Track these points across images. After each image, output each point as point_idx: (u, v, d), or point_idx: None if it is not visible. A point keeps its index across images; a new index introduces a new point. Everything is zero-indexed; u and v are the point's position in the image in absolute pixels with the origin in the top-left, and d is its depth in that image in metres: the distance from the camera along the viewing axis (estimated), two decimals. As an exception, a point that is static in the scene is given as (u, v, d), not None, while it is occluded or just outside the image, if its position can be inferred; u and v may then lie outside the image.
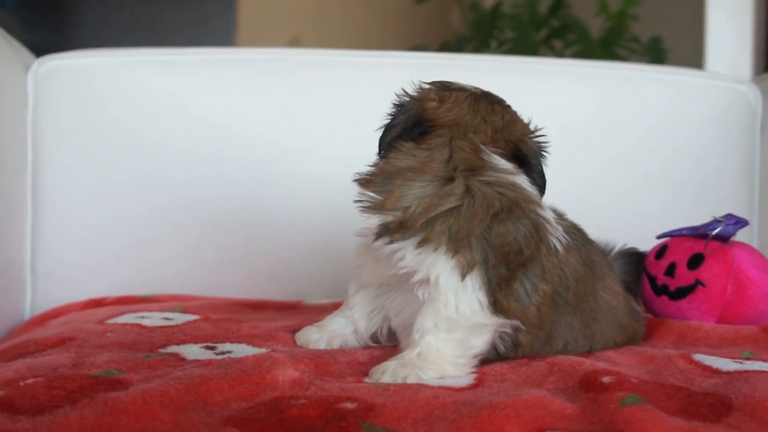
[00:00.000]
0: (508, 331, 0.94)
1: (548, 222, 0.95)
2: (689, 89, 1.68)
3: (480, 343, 0.92)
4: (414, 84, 1.02)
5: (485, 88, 1.05)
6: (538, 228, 0.92)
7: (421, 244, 0.89)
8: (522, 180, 0.96)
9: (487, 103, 1.00)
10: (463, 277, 0.88)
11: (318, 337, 1.05)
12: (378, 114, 1.47)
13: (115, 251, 1.56)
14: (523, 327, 0.93)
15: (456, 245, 0.88)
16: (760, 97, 1.70)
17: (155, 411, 0.71)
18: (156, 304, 1.35)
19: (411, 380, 0.87)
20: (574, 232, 1.05)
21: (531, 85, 1.65)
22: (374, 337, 1.05)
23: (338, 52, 1.68)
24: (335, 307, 1.35)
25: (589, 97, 1.68)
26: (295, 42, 4.56)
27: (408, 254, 0.90)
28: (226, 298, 1.46)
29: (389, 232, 0.91)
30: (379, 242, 0.92)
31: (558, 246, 0.95)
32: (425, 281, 0.90)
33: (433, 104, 0.98)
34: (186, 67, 1.61)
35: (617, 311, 1.07)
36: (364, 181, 0.96)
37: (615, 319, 1.07)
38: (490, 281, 0.89)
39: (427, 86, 1.02)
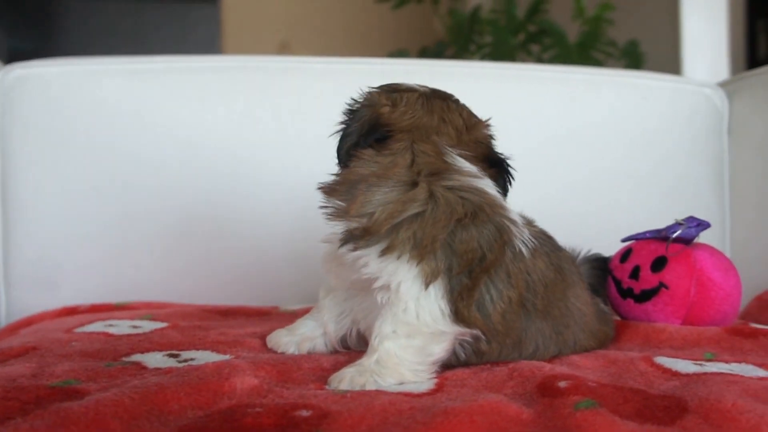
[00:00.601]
0: (469, 339, 0.93)
1: (514, 224, 0.95)
2: (655, 93, 1.70)
3: (439, 350, 0.91)
4: (362, 90, 1.02)
5: (455, 93, 1.06)
6: (502, 231, 0.92)
7: (385, 252, 0.89)
8: (486, 183, 0.95)
9: (440, 100, 1.00)
10: (427, 285, 0.88)
11: (288, 340, 1.05)
12: (338, 119, 1.49)
13: (88, 259, 1.56)
14: (483, 336, 0.93)
15: (420, 253, 0.88)
16: (726, 99, 1.72)
17: (107, 421, 0.71)
18: (127, 312, 1.35)
19: (369, 387, 0.87)
20: (543, 238, 1.04)
21: (499, 90, 1.66)
22: (343, 340, 1.05)
23: (304, 59, 1.68)
24: (307, 312, 1.36)
25: (555, 102, 1.69)
26: (284, 47, 4.57)
27: (372, 261, 0.90)
28: (198, 305, 1.45)
29: (353, 238, 0.91)
30: (344, 249, 0.92)
31: (524, 250, 0.95)
32: (386, 287, 0.90)
33: (387, 109, 0.98)
34: (152, 76, 1.60)
35: (589, 318, 1.07)
36: (328, 190, 0.96)
37: (587, 327, 1.07)
38: (452, 290, 0.89)
39: (376, 91, 1.02)
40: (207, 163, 1.58)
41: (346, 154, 0.98)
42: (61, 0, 5.05)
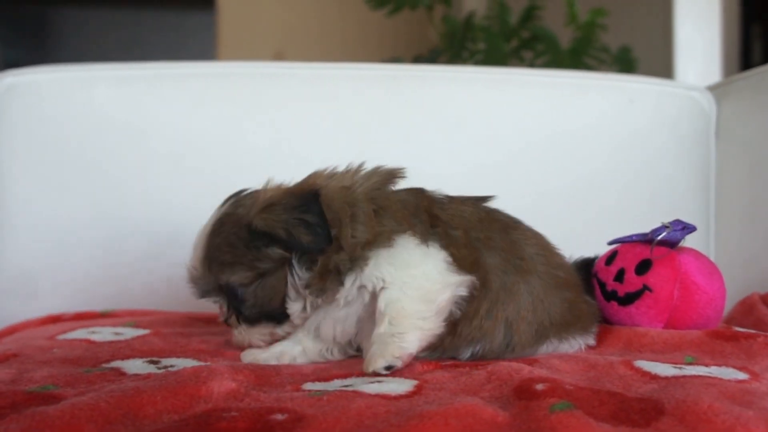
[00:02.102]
0: (464, 292, 0.99)
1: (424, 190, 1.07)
2: (642, 97, 1.70)
3: (443, 298, 0.96)
4: None
5: (443, 98, 1.08)
6: (422, 193, 1.05)
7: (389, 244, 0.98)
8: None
9: None
10: (427, 244, 0.97)
11: (267, 356, 1.05)
12: (329, 125, 1.48)
13: (74, 267, 1.56)
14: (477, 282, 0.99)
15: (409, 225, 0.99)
16: (714, 103, 1.71)
17: (82, 425, 0.71)
18: (111, 320, 1.35)
19: (398, 353, 0.92)
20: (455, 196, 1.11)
21: (487, 95, 1.66)
22: (322, 355, 1.06)
23: (295, 65, 1.68)
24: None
25: (542, 106, 1.69)
26: (278, 57, 4.58)
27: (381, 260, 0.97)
28: (183, 313, 1.45)
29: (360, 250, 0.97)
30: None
31: (444, 199, 1.06)
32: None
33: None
34: (144, 82, 1.61)
35: (546, 257, 1.10)
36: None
37: (549, 263, 1.09)
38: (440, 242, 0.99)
39: None
40: (196, 171, 1.58)
41: None
42: (57, 10, 5.07)
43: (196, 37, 5.10)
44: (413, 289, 0.95)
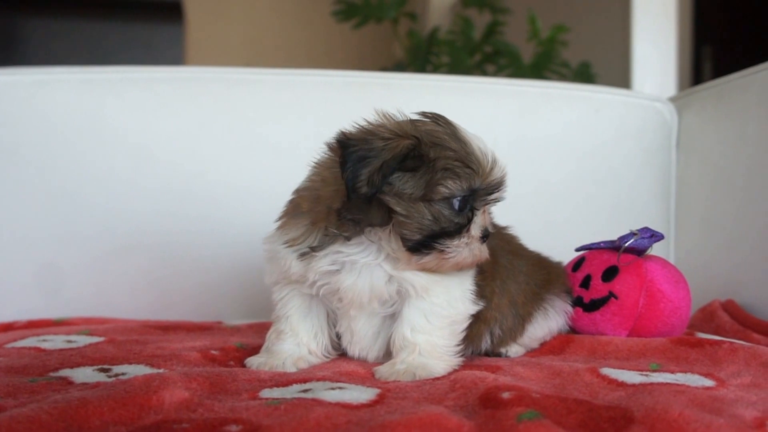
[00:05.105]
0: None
1: None
2: (607, 106, 1.70)
3: (463, 328, 1.02)
4: None
5: (410, 106, 1.06)
6: None
7: None
8: None
9: None
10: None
11: (277, 363, 1.02)
12: (295, 132, 1.46)
13: (29, 274, 1.50)
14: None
15: None
16: (676, 114, 1.73)
17: (20, 438, 0.67)
18: (65, 327, 1.30)
19: (424, 377, 0.95)
20: None
21: (452, 102, 1.64)
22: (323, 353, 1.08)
23: (261, 71, 1.65)
24: (250, 328, 1.31)
25: (509, 115, 1.68)
26: (247, 69, 4.57)
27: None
28: (140, 320, 1.40)
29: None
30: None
31: None
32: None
33: None
34: (104, 86, 1.56)
35: (518, 241, 1.21)
36: None
37: (522, 246, 1.20)
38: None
39: None
40: (155, 175, 1.55)
41: None
42: (25, 21, 4.97)
43: (163, 50, 5.03)
44: (441, 318, 0.99)
